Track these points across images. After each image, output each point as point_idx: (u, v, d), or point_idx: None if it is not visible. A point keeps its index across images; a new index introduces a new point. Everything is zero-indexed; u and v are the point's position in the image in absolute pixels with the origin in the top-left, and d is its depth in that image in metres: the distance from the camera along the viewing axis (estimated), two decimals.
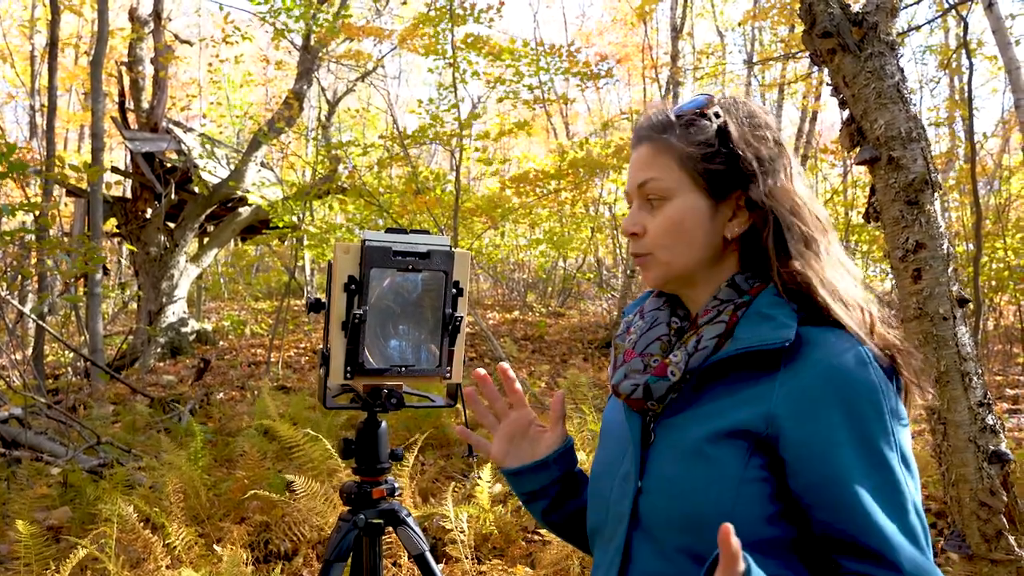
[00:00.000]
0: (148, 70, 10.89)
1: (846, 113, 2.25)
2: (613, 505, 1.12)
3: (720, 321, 1.06)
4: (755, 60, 14.10)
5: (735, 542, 0.76)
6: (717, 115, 1.09)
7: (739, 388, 1.03)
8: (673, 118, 1.10)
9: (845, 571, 0.95)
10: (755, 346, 1.00)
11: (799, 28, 4.49)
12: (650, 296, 1.24)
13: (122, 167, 12.75)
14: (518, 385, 1.28)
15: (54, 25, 8.83)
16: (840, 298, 1.03)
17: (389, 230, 1.40)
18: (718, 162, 1.07)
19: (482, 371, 1.27)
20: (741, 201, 1.08)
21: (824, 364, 0.98)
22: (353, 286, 1.37)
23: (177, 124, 11.70)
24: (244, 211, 11.05)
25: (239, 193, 10.28)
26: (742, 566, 0.78)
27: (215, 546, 3.25)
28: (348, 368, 1.40)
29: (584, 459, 3.62)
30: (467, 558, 3.22)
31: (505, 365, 1.29)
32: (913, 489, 0.97)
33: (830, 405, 0.96)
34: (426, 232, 1.43)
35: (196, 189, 10.43)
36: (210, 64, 13.43)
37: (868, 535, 0.93)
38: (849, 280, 1.07)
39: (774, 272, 1.05)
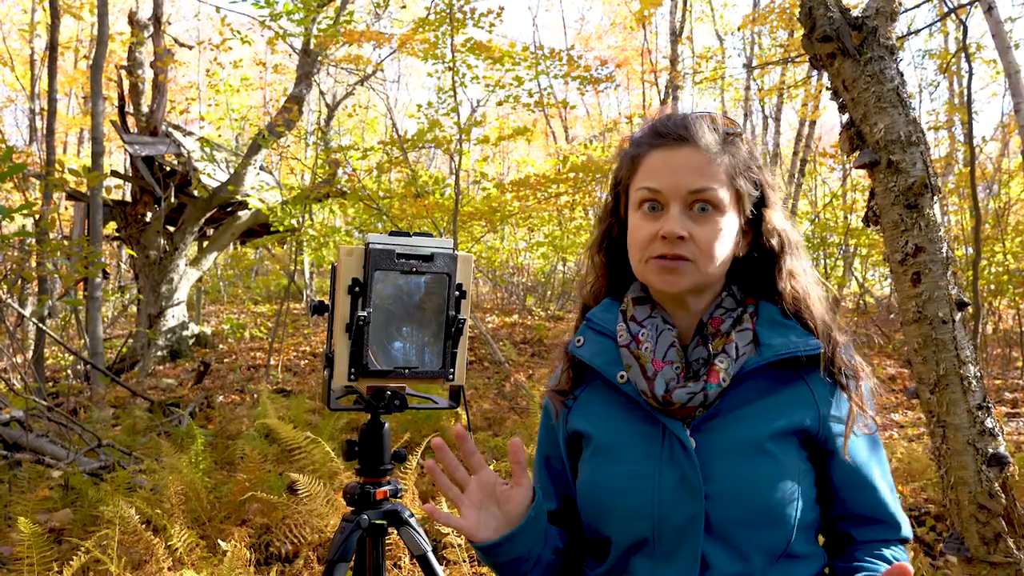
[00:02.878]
0: (148, 74, 10.90)
1: (845, 117, 2.26)
2: (670, 517, 1.09)
3: (745, 328, 1.14)
4: (754, 64, 14.13)
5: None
6: (745, 141, 1.17)
7: (776, 389, 1.14)
8: (725, 132, 1.15)
9: (858, 540, 1.15)
10: (794, 352, 1.11)
11: (798, 32, 4.51)
12: (619, 305, 1.24)
13: (122, 171, 12.76)
14: (473, 447, 1.16)
15: (54, 29, 8.84)
16: (822, 315, 1.18)
17: (392, 233, 1.41)
18: (754, 185, 1.16)
19: (439, 439, 1.14)
20: (747, 224, 1.17)
21: (839, 369, 1.16)
22: (357, 288, 1.38)
23: (176, 128, 11.71)
24: (244, 215, 11.05)
25: (238, 197, 10.28)
26: None
27: (220, 543, 3.25)
28: (352, 370, 1.41)
29: None
30: (465, 561, 3.22)
31: (461, 429, 1.16)
32: None
33: (850, 403, 1.15)
34: (429, 235, 1.44)
35: (196, 193, 10.44)
36: (208, 68, 13.44)
37: (880, 508, 1.16)
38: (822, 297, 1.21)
39: (784, 288, 1.17)
